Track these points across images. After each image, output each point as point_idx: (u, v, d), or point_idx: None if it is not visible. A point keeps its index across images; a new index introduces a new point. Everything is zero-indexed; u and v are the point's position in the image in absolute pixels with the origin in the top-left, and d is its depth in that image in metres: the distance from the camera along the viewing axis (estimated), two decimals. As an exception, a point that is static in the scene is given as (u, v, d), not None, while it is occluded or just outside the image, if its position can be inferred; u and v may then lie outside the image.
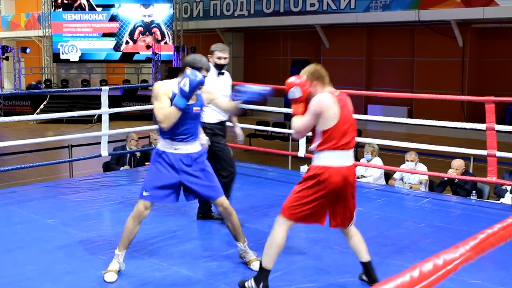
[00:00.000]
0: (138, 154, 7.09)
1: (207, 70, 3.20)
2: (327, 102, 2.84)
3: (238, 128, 4.54)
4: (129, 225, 3.26)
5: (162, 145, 3.22)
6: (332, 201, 2.93)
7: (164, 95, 3.10)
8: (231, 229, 3.39)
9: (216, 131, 4.27)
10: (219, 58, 4.23)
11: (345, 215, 2.98)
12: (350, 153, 2.94)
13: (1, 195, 5.21)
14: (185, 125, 3.14)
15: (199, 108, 3.23)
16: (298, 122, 2.93)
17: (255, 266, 3.26)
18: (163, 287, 3.15)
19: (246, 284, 3.01)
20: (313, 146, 2.91)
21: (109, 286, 3.13)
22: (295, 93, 2.91)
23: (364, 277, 3.13)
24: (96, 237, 3.96)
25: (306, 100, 2.93)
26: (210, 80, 3.93)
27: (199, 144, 3.35)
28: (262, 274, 2.96)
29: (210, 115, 4.19)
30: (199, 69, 3.13)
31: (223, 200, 3.32)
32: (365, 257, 3.04)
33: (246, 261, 3.40)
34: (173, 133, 3.13)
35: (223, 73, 4.34)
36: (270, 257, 2.94)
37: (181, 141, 3.17)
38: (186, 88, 3.00)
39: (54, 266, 3.42)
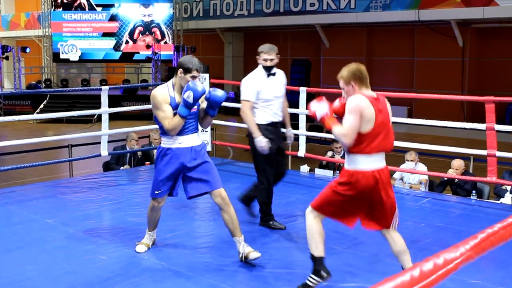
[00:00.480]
0: (139, 153, 7.11)
1: (198, 70, 3.36)
2: (363, 104, 2.79)
3: (288, 130, 4.41)
4: (149, 214, 3.64)
5: (166, 142, 3.44)
6: (365, 204, 2.94)
7: (164, 103, 3.36)
8: (228, 223, 3.41)
9: (264, 132, 4.14)
10: (265, 60, 4.13)
11: (380, 217, 2.95)
12: (381, 157, 2.90)
13: (1, 195, 5.20)
14: (186, 122, 3.40)
15: (196, 107, 3.43)
16: (341, 128, 2.85)
17: (253, 255, 3.36)
18: (163, 286, 3.15)
19: (307, 283, 3.01)
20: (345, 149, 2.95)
21: (106, 286, 3.13)
22: (320, 112, 2.93)
23: None
24: (96, 237, 3.98)
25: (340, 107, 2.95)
26: (260, 81, 4.12)
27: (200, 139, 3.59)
28: (318, 263, 3.00)
29: (260, 117, 4.16)
30: (189, 69, 3.32)
31: (221, 191, 3.40)
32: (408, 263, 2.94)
33: (244, 255, 3.40)
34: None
35: (273, 74, 4.21)
36: (315, 245, 3.00)
37: (184, 135, 3.41)
38: (190, 100, 3.26)
39: (54, 266, 3.43)
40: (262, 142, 4.00)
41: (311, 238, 3.01)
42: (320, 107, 2.94)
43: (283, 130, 4.37)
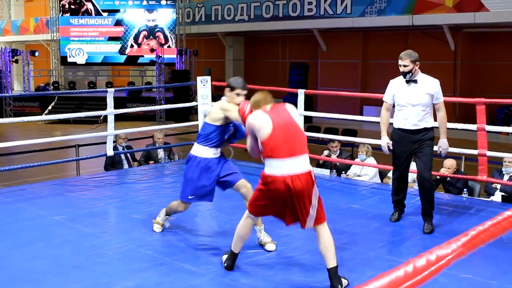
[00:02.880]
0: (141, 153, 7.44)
1: (242, 88, 3.64)
2: (253, 119, 3.05)
3: (441, 141, 4.31)
4: (171, 206, 3.97)
5: (202, 152, 3.73)
6: (282, 204, 3.06)
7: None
8: None
9: (394, 136, 4.24)
10: (399, 66, 4.06)
11: (297, 217, 3.05)
12: (293, 161, 2.97)
13: (11, 193, 5.24)
14: (223, 137, 3.76)
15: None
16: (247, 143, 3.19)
17: (269, 247, 3.65)
18: (167, 282, 3.16)
19: (222, 257, 3.41)
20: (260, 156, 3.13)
21: (112, 281, 3.17)
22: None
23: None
24: (102, 233, 4.01)
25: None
26: (399, 88, 4.15)
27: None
28: (230, 255, 3.33)
29: (395, 121, 4.22)
30: (233, 88, 3.66)
31: (245, 182, 3.79)
32: (329, 263, 3.04)
33: (262, 243, 3.70)
34: (218, 143, 3.75)
35: (414, 81, 4.07)
36: (234, 240, 3.30)
37: (218, 147, 3.77)
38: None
39: (61, 261, 3.46)
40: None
41: (235, 234, 3.27)
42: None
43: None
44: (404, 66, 4.02)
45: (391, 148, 4.32)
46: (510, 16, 13.03)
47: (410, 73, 4.03)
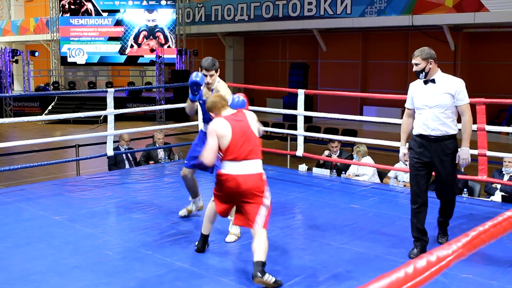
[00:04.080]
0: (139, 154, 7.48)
1: (203, 68, 3.97)
2: (216, 125, 3.29)
3: (461, 149, 3.78)
4: (187, 185, 4.34)
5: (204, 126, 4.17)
6: (231, 202, 3.34)
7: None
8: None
9: (411, 144, 3.79)
10: (412, 65, 3.67)
11: (244, 217, 3.27)
12: (245, 164, 3.24)
13: (11, 193, 5.23)
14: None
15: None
16: (204, 150, 3.35)
17: (228, 238, 3.87)
18: (167, 282, 3.18)
19: (200, 246, 3.66)
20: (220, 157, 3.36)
21: (112, 281, 3.17)
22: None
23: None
24: (102, 233, 4.02)
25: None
26: (417, 89, 3.70)
27: None
28: (200, 237, 3.66)
29: (414, 127, 3.76)
30: (200, 68, 4.00)
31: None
32: (256, 257, 3.12)
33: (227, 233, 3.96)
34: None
35: (432, 80, 3.63)
36: (203, 224, 3.63)
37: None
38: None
39: (61, 261, 3.46)
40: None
41: (204, 216, 3.63)
42: None
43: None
44: (416, 64, 3.62)
45: (407, 159, 3.85)
46: (510, 16, 13.06)
47: (424, 72, 3.60)
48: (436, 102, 3.61)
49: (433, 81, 3.63)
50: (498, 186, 5.72)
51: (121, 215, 4.61)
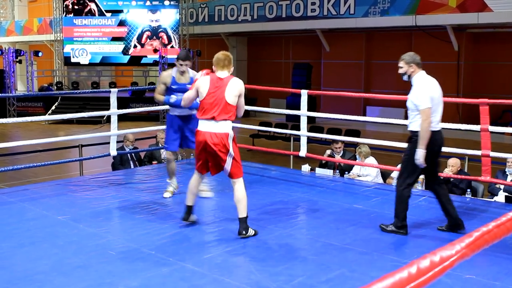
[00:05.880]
0: (142, 154, 7.51)
1: (179, 58, 4.89)
2: (200, 81, 3.97)
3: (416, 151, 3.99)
4: (167, 166, 5.08)
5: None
6: (204, 155, 3.96)
7: (161, 83, 4.98)
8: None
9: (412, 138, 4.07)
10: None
11: (215, 167, 3.97)
12: (213, 123, 3.87)
13: (15, 193, 5.25)
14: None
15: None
16: (185, 94, 4.17)
17: (205, 194, 4.76)
18: (170, 282, 3.18)
19: (184, 216, 4.15)
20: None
21: (115, 281, 3.17)
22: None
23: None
24: (105, 233, 4.03)
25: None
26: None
27: None
28: (185, 208, 4.12)
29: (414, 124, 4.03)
30: (177, 58, 4.91)
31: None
32: (239, 214, 3.89)
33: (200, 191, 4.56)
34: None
35: (411, 83, 4.01)
36: (187, 197, 4.12)
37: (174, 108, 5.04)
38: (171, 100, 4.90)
39: (65, 261, 3.47)
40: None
41: (187, 191, 4.10)
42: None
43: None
44: (399, 67, 4.04)
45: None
46: (514, 16, 13.04)
47: (406, 75, 4.02)
48: (408, 104, 4.06)
49: (412, 84, 4.03)
50: (502, 186, 5.72)
51: (124, 215, 4.62)
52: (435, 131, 4.01)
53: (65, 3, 20.28)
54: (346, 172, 6.61)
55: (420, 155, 3.93)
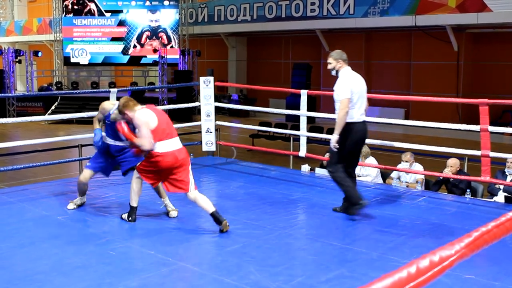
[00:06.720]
0: None
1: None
2: (143, 115, 4.00)
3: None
4: (81, 185, 4.70)
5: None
6: (163, 175, 4.08)
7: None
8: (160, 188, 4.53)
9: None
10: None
11: (177, 184, 4.06)
12: (176, 140, 4.06)
13: (14, 193, 5.24)
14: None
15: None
16: (140, 139, 3.98)
17: (172, 214, 4.43)
18: (169, 282, 3.19)
19: (122, 216, 4.32)
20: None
21: (115, 281, 3.17)
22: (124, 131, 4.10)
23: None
24: (105, 233, 4.03)
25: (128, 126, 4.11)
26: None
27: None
28: (131, 209, 4.26)
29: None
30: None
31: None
32: (210, 209, 4.02)
33: (167, 211, 4.48)
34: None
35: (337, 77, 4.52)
36: (133, 200, 4.26)
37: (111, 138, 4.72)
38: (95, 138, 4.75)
39: (65, 261, 3.47)
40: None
41: (130, 190, 4.24)
42: (123, 129, 4.06)
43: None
44: (328, 63, 4.49)
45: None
46: (513, 16, 13.04)
47: (334, 70, 4.47)
48: (333, 95, 4.48)
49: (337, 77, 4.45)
50: (501, 186, 5.72)
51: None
52: (357, 122, 4.42)
53: (64, 3, 20.27)
54: (346, 172, 6.59)
55: (333, 139, 4.41)
